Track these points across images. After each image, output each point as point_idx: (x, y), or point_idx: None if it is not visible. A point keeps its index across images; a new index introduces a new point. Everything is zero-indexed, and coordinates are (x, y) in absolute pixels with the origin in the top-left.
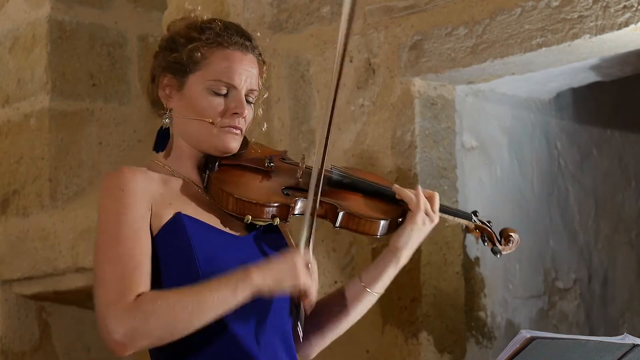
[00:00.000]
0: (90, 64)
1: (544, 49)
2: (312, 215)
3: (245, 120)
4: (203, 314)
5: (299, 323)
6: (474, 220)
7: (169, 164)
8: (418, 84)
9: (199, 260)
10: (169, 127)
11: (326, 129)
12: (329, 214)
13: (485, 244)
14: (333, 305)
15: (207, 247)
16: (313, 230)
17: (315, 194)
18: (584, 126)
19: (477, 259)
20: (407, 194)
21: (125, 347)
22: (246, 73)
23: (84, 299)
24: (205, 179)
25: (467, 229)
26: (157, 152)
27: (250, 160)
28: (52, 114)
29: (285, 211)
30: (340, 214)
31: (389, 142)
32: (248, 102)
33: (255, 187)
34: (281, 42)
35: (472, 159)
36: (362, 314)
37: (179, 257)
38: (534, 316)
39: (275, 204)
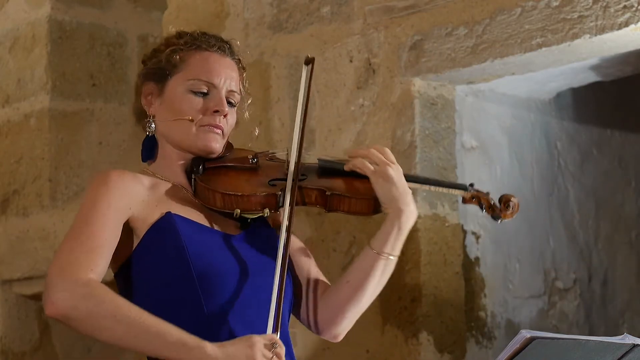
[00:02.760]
0: (90, 64)
1: (544, 49)
2: (291, 199)
3: (227, 121)
4: (135, 340)
5: None
6: (469, 190)
7: (157, 170)
8: (418, 84)
9: (191, 258)
10: (154, 135)
11: (301, 117)
12: (319, 199)
13: (484, 211)
14: (348, 280)
15: (198, 245)
16: (293, 219)
17: (295, 176)
18: (584, 126)
19: (477, 259)
20: (358, 161)
21: (57, 311)
22: (225, 73)
23: None
24: (193, 183)
25: (464, 200)
26: (145, 161)
27: (234, 160)
28: (52, 114)
29: (273, 200)
30: (329, 197)
31: (389, 142)
32: (229, 103)
33: (241, 183)
34: (281, 42)
35: (472, 159)
36: (382, 284)
37: (170, 255)
38: (534, 316)
39: (262, 194)
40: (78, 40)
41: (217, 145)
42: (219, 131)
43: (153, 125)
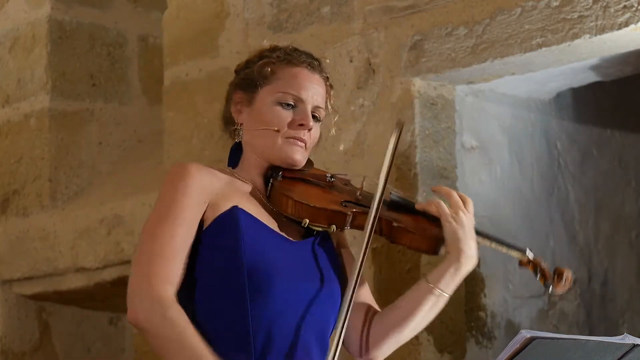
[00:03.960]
0: (90, 64)
1: (544, 49)
2: (370, 229)
3: (310, 135)
4: None
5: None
6: (527, 255)
7: (237, 172)
8: (418, 84)
9: (245, 250)
10: (240, 142)
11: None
12: (385, 229)
13: (537, 278)
14: (399, 306)
15: (255, 242)
16: (369, 246)
17: (376, 210)
18: (584, 126)
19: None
20: (432, 205)
21: (136, 321)
22: (313, 89)
23: (84, 299)
24: (269, 188)
25: (520, 263)
26: (230, 166)
27: (312, 175)
28: (52, 114)
29: (342, 219)
30: (395, 228)
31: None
32: (314, 118)
33: (315, 195)
34: (281, 42)
35: (472, 159)
36: (427, 319)
37: (226, 246)
38: (534, 316)
39: (334, 210)
40: (78, 40)
41: (299, 157)
42: (302, 144)
43: (241, 133)
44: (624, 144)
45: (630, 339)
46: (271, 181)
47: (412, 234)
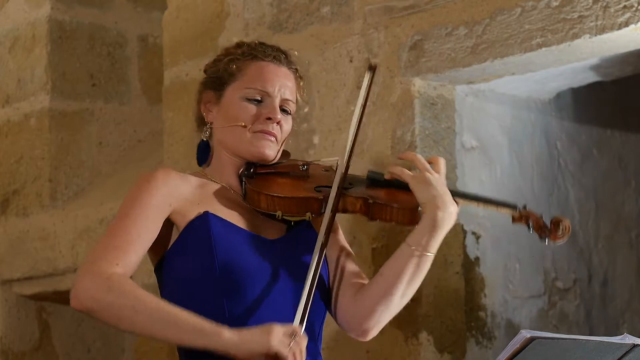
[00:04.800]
0: (90, 64)
1: (544, 49)
2: (333, 207)
3: (281, 128)
4: (154, 329)
5: None
6: (519, 209)
7: (209, 172)
8: (418, 84)
9: (217, 256)
10: (208, 141)
11: (355, 128)
12: (362, 207)
13: (532, 231)
14: (382, 273)
15: (228, 245)
16: (334, 219)
17: (339, 187)
18: (584, 126)
19: (477, 259)
20: (397, 169)
21: (80, 304)
22: (280, 82)
23: None
24: (243, 186)
25: (513, 219)
26: (200, 165)
27: (285, 167)
28: (52, 114)
29: (315, 204)
30: (371, 205)
31: (389, 142)
32: (284, 111)
33: (287, 187)
34: (281, 42)
35: (472, 159)
36: (415, 282)
37: (198, 252)
38: (534, 316)
39: (305, 197)
40: (78, 40)
41: (270, 152)
42: (272, 138)
43: (208, 132)
44: (624, 144)
45: (630, 339)
46: (243, 179)
47: (389, 207)
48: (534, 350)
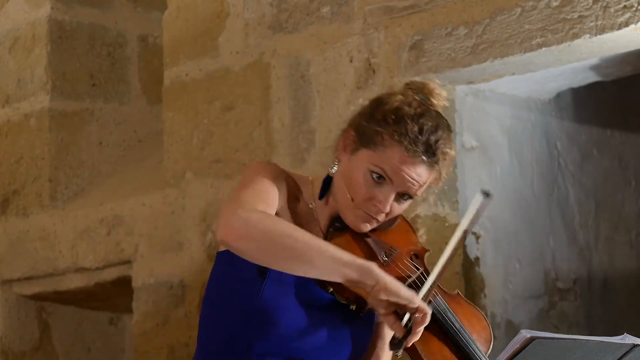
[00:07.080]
0: (90, 64)
1: (544, 49)
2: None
3: (388, 214)
4: (309, 259)
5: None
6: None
7: (318, 206)
8: None
9: (263, 293)
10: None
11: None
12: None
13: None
14: None
15: (281, 277)
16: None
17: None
18: (584, 126)
19: (477, 259)
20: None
21: (233, 232)
22: (411, 181)
23: (83, 299)
24: (326, 233)
25: None
26: (321, 199)
27: (374, 242)
28: (52, 114)
29: (362, 304)
30: (410, 349)
31: None
32: (401, 196)
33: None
34: (281, 42)
35: (472, 159)
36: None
37: (246, 280)
38: (534, 316)
39: (357, 292)
40: (78, 40)
41: (367, 229)
42: (374, 222)
43: (335, 168)
44: (624, 144)
45: (630, 339)
46: (330, 229)
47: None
48: (534, 350)
